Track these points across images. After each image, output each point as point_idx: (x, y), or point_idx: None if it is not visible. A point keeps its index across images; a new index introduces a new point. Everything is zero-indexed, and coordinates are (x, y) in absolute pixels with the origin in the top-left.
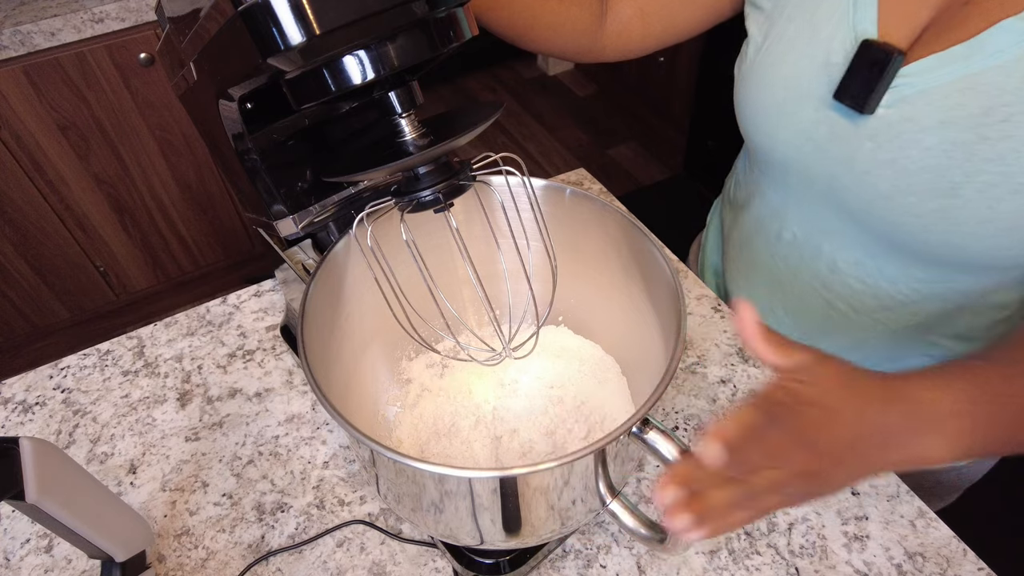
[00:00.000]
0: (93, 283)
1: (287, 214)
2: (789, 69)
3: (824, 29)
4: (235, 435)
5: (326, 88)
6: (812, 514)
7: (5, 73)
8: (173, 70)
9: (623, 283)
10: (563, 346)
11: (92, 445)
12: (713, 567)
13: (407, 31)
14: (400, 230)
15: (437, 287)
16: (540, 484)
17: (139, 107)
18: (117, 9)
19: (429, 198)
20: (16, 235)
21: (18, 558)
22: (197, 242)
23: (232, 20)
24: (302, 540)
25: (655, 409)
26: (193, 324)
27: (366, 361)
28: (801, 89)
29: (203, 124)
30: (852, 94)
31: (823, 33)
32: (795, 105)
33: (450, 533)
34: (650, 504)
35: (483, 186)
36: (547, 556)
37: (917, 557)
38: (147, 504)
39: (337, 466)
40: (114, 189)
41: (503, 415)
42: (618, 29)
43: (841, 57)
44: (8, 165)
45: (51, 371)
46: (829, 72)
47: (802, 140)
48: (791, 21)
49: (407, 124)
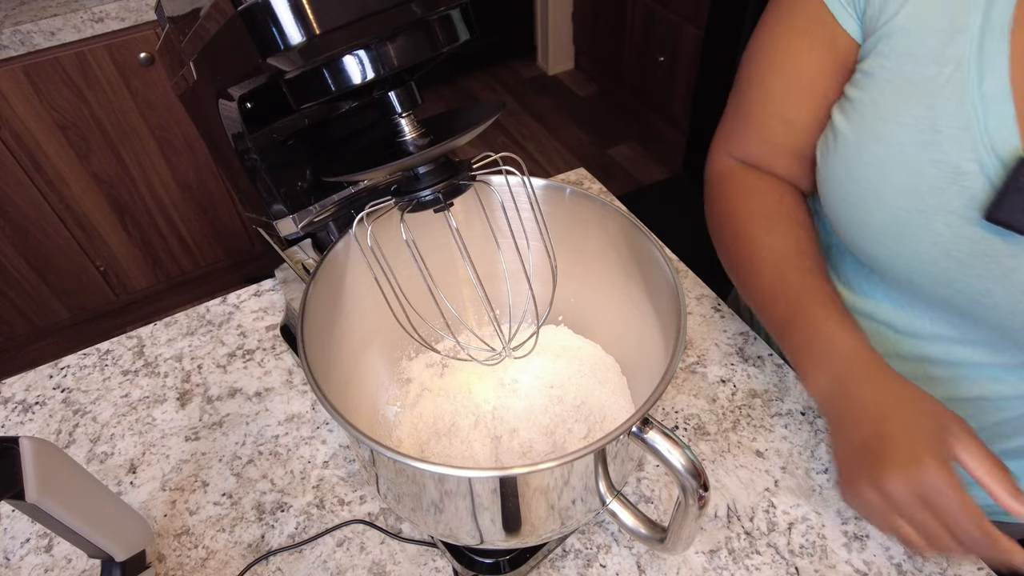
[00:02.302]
0: (93, 283)
1: (287, 214)
2: (906, 178)
3: (946, 133)
4: (235, 435)
5: (326, 88)
6: (812, 514)
7: (5, 73)
8: (173, 70)
9: (623, 283)
10: (563, 346)
11: (92, 445)
12: (713, 567)
13: (407, 31)
14: (400, 230)
15: (437, 287)
16: (540, 484)
17: (139, 107)
18: (117, 9)
19: (429, 198)
20: (16, 235)
21: (18, 558)
22: (197, 242)
23: (232, 20)
24: (302, 540)
25: (655, 409)
26: (193, 324)
27: (366, 361)
28: (929, 202)
29: (203, 124)
30: (1012, 216)
31: (945, 138)
32: (922, 218)
33: (450, 533)
34: (650, 504)
35: (483, 186)
36: (547, 556)
37: (917, 557)
38: (147, 504)
39: (337, 466)
40: (114, 189)
41: (503, 415)
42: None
43: (974, 166)
44: (8, 165)
45: (51, 371)
46: (963, 184)
47: (937, 255)
48: (898, 123)
49: (407, 124)
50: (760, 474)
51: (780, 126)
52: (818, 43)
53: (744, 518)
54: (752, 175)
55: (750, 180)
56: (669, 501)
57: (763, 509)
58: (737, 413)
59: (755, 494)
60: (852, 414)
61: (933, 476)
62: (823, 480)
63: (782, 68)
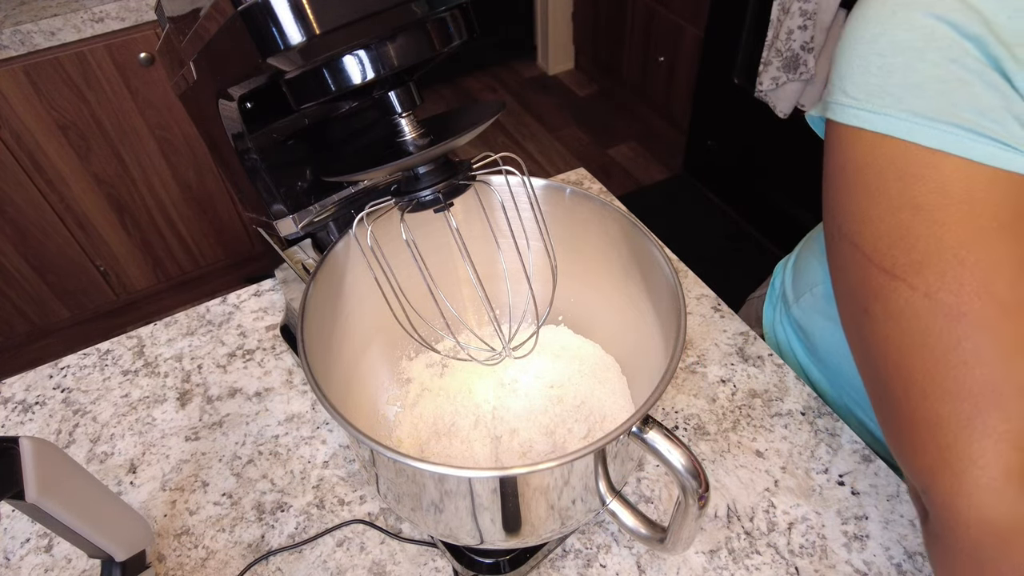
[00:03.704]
0: (93, 283)
1: (287, 214)
2: None
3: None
4: (235, 435)
5: (326, 88)
6: (812, 514)
7: (5, 73)
8: (173, 70)
9: (623, 283)
10: (563, 346)
11: (92, 445)
12: (713, 567)
13: (407, 31)
14: (400, 230)
15: (437, 287)
16: (540, 484)
17: (139, 107)
18: (117, 9)
19: (429, 198)
20: (16, 235)
21: (18, 558)
22: (197, 242)
23: (232, 20)
24: (302, 540)
25: (655, 409)
26: (193, 324)
27: (366, 361)
28: None
29: (203, 124)
30: None
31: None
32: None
33: (450, 533)
34: (650, 504)
35: (483, 186)
36: (547, 556)
37: (917, 557)
38: (147, 504)
39: (337, 466)
40: (114, 189)
41: (503, 415)
42: None
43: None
44: (8, 165)
45: (51, 371)
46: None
47: None
48: None
49: (407, 124)
50: (760, 474)
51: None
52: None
53: (744, 518)
54: None
55: None
56: (669, 501)
57: (763, 509)
58: (737, 413)
59: (755, 494)
60: None
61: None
62: (823, 480)
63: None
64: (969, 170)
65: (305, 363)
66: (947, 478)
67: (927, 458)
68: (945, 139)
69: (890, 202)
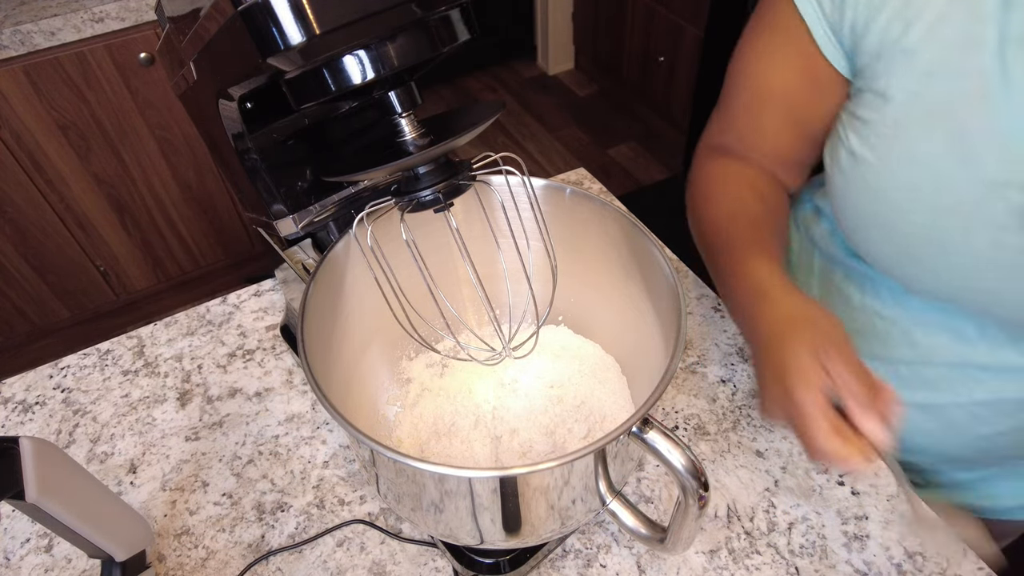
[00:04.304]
0: (93, 283)
1: (287, 214)
2: (942, 196)
3: (980, 147)
4: (235, 435)
5: (326, 88)
6: (812, 514)
7: (5, 73)
8: (173, 70)
9: (623, 283)
10: (563, 346)
11: (92, 445)
12: (713, 567)
13: (407, 31)
14: (400, 230)
15: (437, 287)
16: (540, 484)
17: (139, 107)
18: (117, 9)
19: (429, 198)
20: (16, 235)
21: (18, 558)
22: (197, 242)
23: (232, 20)
24: (302, 540)
25: (655, 409)
26: (193, 324)
27: (366, 361)
28: (969, 217)
29: (203, 124)
30: None
31: (980, 152)
32: (961, 233)
33: (450, 533)
34: (650, 504)
35: (483, 186)
36: (547, 556)
37: (917, 557)
38: (147, 504)
39: (337, 466)
40: (114, 189)
41: (503, 415)
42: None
43: (1015, 176)
44: (8, 165)
45: (51, 371)
46: (1004, 196)
47: (979, 266)
48: (929, 142)
49: (407, 124)
50: (760, 474)
51: (754, 134)
52: (793, 57)
53: (744, 518)
54: (731, 158)
55: (727, 159)
56: (669, 501)
57: (763, 509)
58: (737, 413)
59: (755, 494)
60: (756, 335)
61: (793, 395)
62: (823, 480)
63: (757, 81)
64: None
65: (305, 363)
66: (700, 141)
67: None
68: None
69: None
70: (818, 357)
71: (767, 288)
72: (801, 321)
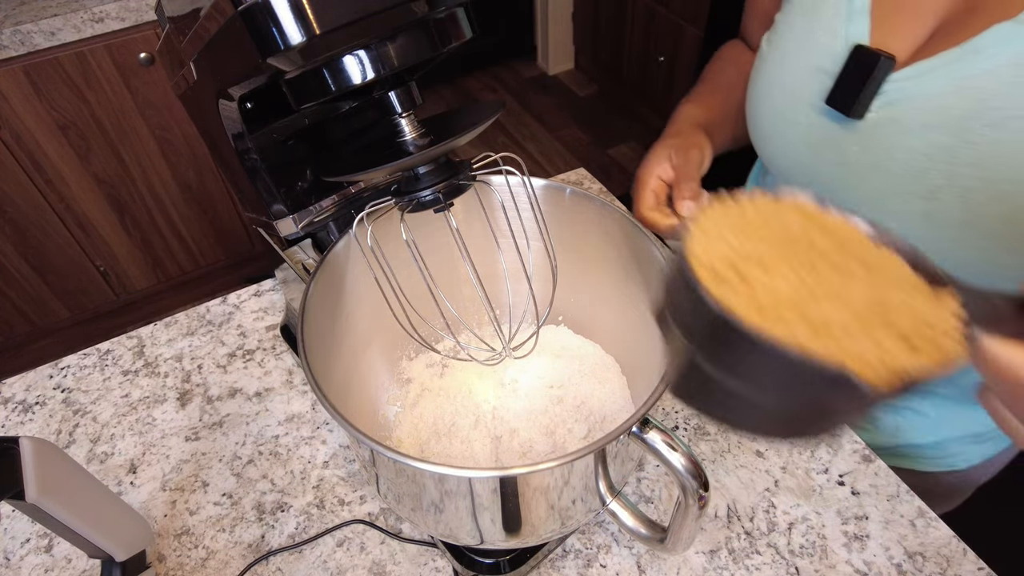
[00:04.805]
0: (93, 283)
1: (287, 214)
2: (788, 77)
3: (821, 37)
4: (235, 435)
5: (326, 88)
6: (812, 514)
7: (5, 73)
8: (173, 70)
9: (623, 283)
10: (563, 346)
11: (92, 445)
12: (713, 567)
13: (407, 31)
14: (400, 230)
15: (437, 287)
16: (540, 484)
17: (139, 107)
18: (117, 9)
19: (429, 198)
20: (16, 235)
21: (18, 558)
22: (197, 242)
23: (232, 20)
24: (302, 540)
25: (655, 409)
26: (193, 324)
27: (366, 361)
28: (798, 96)
29: (203, 124)
30: (842, 99)
31: (820, 41)
32: (793, 112)
33: (450, 533)
34: (650, 504)
35: (483, 186)
36: (547, 556)
37: (917, 557)
38: (147, 504)
39: (337, 466)
40: (114, 189)
41: (503, 415)
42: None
43: (834, 64)
44: (8, 165)
45: (51, 371)
46: (822, 79)
47: (801, 146)
48: (791, 30)
49: (407, 124)
50: (760, 474)
51: (752, 21)
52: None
53: (744, 518)
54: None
55: (740, 42)
56: (669, 501)
57: (763, 509)
58: None
59: (755, 494)
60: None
61: (638, 173)
62: (823, 480)
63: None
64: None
65: (305, 363)
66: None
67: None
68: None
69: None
70: (669, 156)
71: (678, 117)
72: (675, 134)
